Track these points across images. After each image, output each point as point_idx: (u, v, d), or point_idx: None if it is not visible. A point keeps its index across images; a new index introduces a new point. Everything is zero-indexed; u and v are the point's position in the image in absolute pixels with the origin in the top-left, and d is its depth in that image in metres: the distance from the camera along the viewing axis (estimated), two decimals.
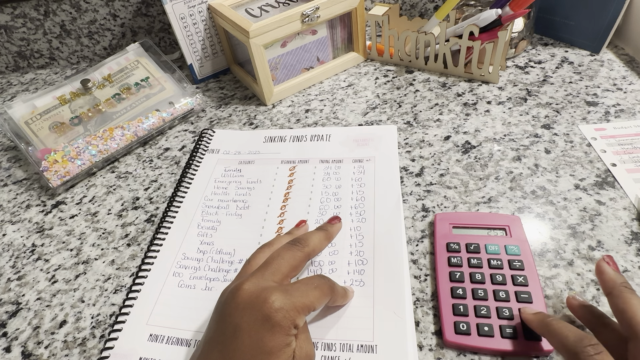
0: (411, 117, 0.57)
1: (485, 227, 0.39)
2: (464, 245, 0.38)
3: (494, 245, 0.38)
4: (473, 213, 0.42)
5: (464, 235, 0.39)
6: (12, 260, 0.47)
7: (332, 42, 0.65)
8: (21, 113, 0.58)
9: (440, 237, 0.39)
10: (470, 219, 0.40)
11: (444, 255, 0.38)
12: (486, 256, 0.37)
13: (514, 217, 0.40)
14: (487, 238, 0.38)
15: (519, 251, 0.37)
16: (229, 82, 0.71)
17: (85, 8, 0.76)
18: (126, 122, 0.59)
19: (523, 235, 0.38)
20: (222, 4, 0.62)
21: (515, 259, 0.36)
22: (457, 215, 0.41)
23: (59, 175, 0.53)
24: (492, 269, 0.36)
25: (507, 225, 0.39)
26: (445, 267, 0.37)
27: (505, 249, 0.37)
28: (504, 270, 0.36)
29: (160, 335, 0.37)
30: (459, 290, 0.35)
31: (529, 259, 0.36)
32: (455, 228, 0.40)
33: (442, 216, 0.41)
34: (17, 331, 0.40)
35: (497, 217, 0.40)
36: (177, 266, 0.43)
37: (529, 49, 0.65)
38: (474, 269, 0.36)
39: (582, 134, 0.50)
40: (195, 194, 0.50)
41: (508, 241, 0.38)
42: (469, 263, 0.37)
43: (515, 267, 0.36)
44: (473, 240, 0.38)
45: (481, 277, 0.36)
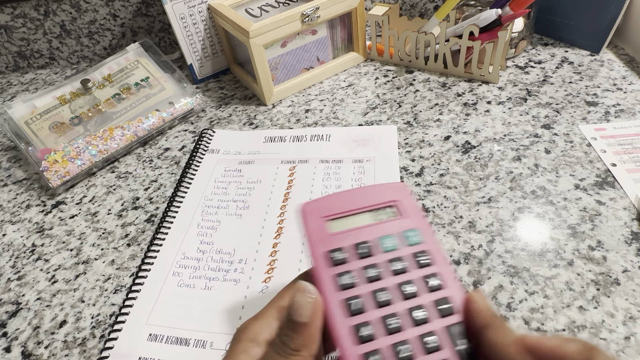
0: (411, 117, 0.57)
1: (369, 208, 0.28)
2: (352, 250, 0.26)
3: (389, 238, 0.26)
4: (348, 192, 0.28)
5: (347, 232, 0.27)
6: (12, 260, 0.47)
7: (332, 42, 0.65)
8: (21, 113, 0.58)
9: (316, 244, 0.26)
10: (347, 201, 0.28)
11: (328, 274, 0.25)
12: (384, 257, 0.25)
13: (400, 184, 0.29)
14: (376, 228, 0.27)
15: (421, 237, 0.26)
16: (229, 82, 0.71)
17: (85, 8, 0.76)
18: (126, 122, 0.59)
19: (417, 208, 0.28)
20: (222, 4, 0.62)
21: (419, 251, 0.26)
22: (328, 202, 0.28)
23: (59, 175, 0.53)
24: (396, 275, 0.25)
25: (393, 201, 0.28)
26: (334, 294, 0.24)
27: (405, 238, 0.26)
28: (412, 274, 0.25)
29: (160, 335, 0.37)
30: (365, 329, 0.23)
31: (434, 243, 0.26)
32: (331, 221, 0.27)
33: (310, 208, 0.28)
34: (17, 331, 0.40)
35: (378, 190, 0.29)
36: (177, 266, 0.43)
37: (529, 49, 0.65)
38: (375, 285, 0.24)
39: (582, 134, 0.50)
40: (195, 194, 0.50)
41: (403, 224, 0.27)
42: (366, 277, 0.25)
43: (423, 264, 0.25)
44: (360, 236, 0.26)
45: (387, 297, 0.24)
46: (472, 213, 0.43)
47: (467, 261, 0.39)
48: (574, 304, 0.35)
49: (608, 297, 0.35)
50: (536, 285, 0.37)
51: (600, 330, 0.33)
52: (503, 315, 0.35)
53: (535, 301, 0.36)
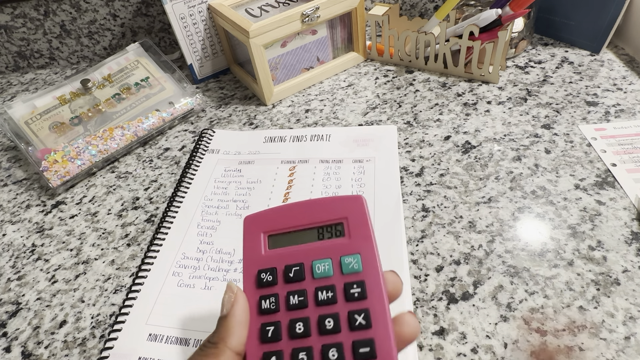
0: (411, 117, 0.57)
1: (315, 225, 0.26)
2: (281, 272, 0.24)
3: (323, 262, 0.24)
4: (295, 204, 0.26)
5: (284, 250, 0.25)
6: (12, 260, 0.47)
7: (332, 42, 0.65)
8: (21, 113, 0.58)
9: (249, 261, 0.25)
10: (292, 215, 0.26)
11: (253, 296, 0.24)
12: (313, 284, 0.24)
13: (355, 197, 0.26)
14: (316, 249, 0.25)
15: (360, 264, 0.24)
16: (229, 82, 0.71)
17: (85, 8, 0.76)
18: (126, 122, 0.59)
19: (367, 228, 0.25)
20: (222, 4, 0.62)
21: (354, 281, 0.23)
22: (272, 215, 0.26)
23: (59, 175, 0.53)
24: (320, 306, 0.23)
25: (344, 217, 0.25)
26: (255, 317, 0.24)
27: (340, 265, 0.24)
28: (338, 306, 0.23)
29: (160, 335, 0.37)
30: (272, 358, 0.22)
31: (374, 274, 0.23)
32: (272, 237, 0.26)
33: (251, 221, 0.26)
34: (17, 331, 0.40)
35: (330, 203, 0.26)
36: (176, 266, 0.43)
37: (529, 49, 0.65)
38: (295, 314, 0.23)
39: (582, 134, 0.50)
40: (195, 194, 0.50)
41: (345, 249, 0.25)
42: (287, 304, 0.23)
43: (353, 297, 0.23)
44: (295, 257, 0.25)
45: (304, 328, 0.23)
46: (472, 213, 0.43)
47: (467, 261, 0.39)
48: (574, 304, 0.35)
49: (608, 297, 0.35)
50: (536, 285, 0.37)
51: (600, 330, 0.33)
52: (503, 315, 0.35)
53: (535, 301, 0.36)
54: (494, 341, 0.34)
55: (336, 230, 0.25)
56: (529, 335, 0.34)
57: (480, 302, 0.36)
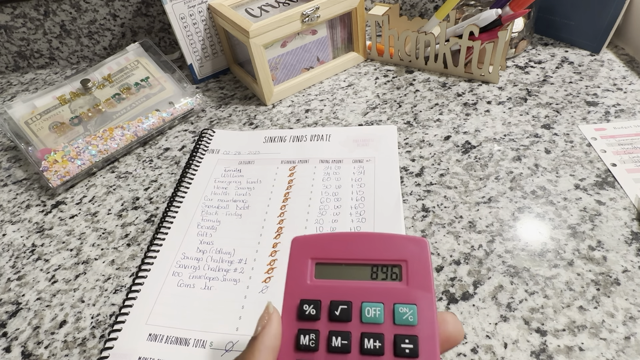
0: (411, 117, 0.57)
1: (369, 262, 0.23)
2: (326, 307, 0.22)
3: (375, 306, 0.22)
4: (352, 235, 0.24)
5: (331, 283, 0.23)
6: (12, 260, 0.47)
7: (332, 42, 0.65)
8: (21, 113, 0.58)
9: (291, 288, 0.23)
10: (347, 245, 0.24)
11: (292, 327, 0.22)
12: (360, 328, 0.22)
13: (419, 240, 0.23)
14: (367, 289, 0.22)
15: (415, 317, 0.21)
16: (229, 82, 0.71)
17: (85, 8, 0.76)
18: (126, 122, 0.59)
19: (428, 276, 0.22)
20: (222, 4, 0.62)
21: (406, 335, 0.21)
22: (323, 241, 0.24)
23: (59, 175, 0.53)
24: (364, 355, 0.21)
25: (403, 260, 0.23)
26: (290, 351, 0.22)
27: (393, 313, 0.22)
28: (384, 359, 0.21)
29: (160, 335, 0.37)
30: None
31: (430, 331, 0.21)
32: (320, 265, 0.23)
33: (300, 244, 0.24)
34: (17, 331, 0.40)
35: (390, 240, 0.23)
36: (176, 266, 0.43)
37: (529, 49, 0.65)
38: (335, 357, 0.21)
39: (582, 134, 0.50)
40: (195, 194, 0.50)
41: (400, 296, 0.22)
42: (328, 344, 0.21)
43: (403, 353, 0.21)
44: (343, 293, 0.22)
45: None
46: (472, 213, 0.43)
47: (467, 261, 0.39)
48: (574, 304, 0.35)
49: (608, 297, 0.35)
50: (536, 285, 0.37)
51: (600, 330, 0.33)
52: (503, 315, 0.35)
53: (535, 301, 0.36)
54: (494, 341, 0.34)
55: (392, 273, 0.23)
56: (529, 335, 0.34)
57: (480, 302, 0.36)
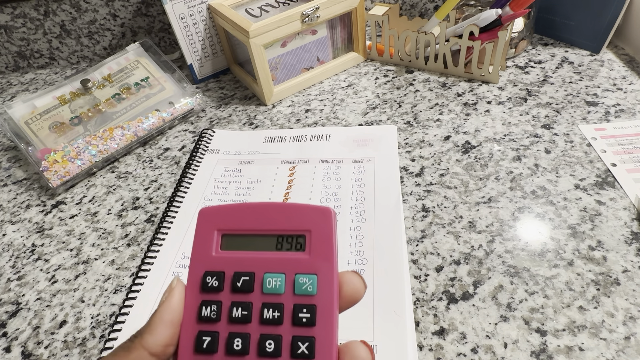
0: (411, 117, 0.57)
1: (275, 232, 0.23)
2: (229, 278, 0.22)
3: (276, 276, 0.22)
4: (258, 205, 0.24)
5: (237, 254, 0.23)
6: (12, 260, 0.47)
7: (332, 42, 0.65)
8: (21, 113, 0.58)
9: (197, 260, 0.23)
10: (253, 216, 0.23)
11: (195, 299, 0.22)
12: (261, 299, 0.22)
13: (323, 209, 0.23)
14: (271, 260, 0.23)
15: (315, 286, 0.22)
16: (229, 82, 0.71)
17: (85, 8, 0.76)
18: (126, 122, 0.59)
19: (330, 246, 0.22)
20: (222, 4, 0.62)
21: (304, 305, 0.21)
22: (230, 212, 0.24)
23: (59, 175, 0.53)
24: (264, 325, 0.21)
25: (307, 230, 0.23)
26: (193, 323, 0.22)
27: (294, 282, 0.22)
28: (283, 329, 0.21)
29: None
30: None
31: (328, 300, 0.21)
32: (226, 237, 0.23)
33: (206, 215, 0.24)
34: (17, 331, 0.40)
35: (296, 210, 0.23)
36: (176, 266, 0.43)
37: (529, 49, 0.65)
38: (236, 328, 0.21)
39: (582, 134, 0.50)
40: (195, 194, 0.50)
41: (302, 266, 0.22)
42: (230, 315, 0.22)
43: (301, 322, 0.21)
44: (247, 264, 0.23)
45: (242, 345, 0.21)
46: (472, 213, 0.43)
47: (467, 261, 0.39)
48: (574, 304, 0.35)
49: (608, 297, 0.35)
50: (536, 285, 0.37)
51: (600, 330, 0.33)
52: (503, 315, 0.35)
53: (535, 301, 0.36)
54: (494, 341, 0.34)
55: (297, 243, 0.23)
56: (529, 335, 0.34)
57: (480, 302, 0.36)
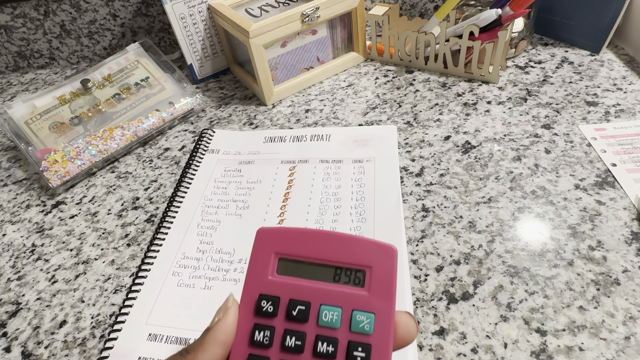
0: (411, 117, 0.57)
1: (333, 263, 0.22)
2: (284, 305, 0.22)
3: (333, 310, 0.21)
4: (320, 232, 0.23)
5: (293, 281, 0.22)
6: (12, 260, 0.47)
7: (332, 42, 0.65)
8: (21, 113, 0.58)
9: (251, 281, 0.23)
10: (313, 243, 0.23)
11: (248, 321, 0.22)
12: (315, 330, 0.21)
13: (387, 247, 0.22)
14: (328, 292, 0.22)
15: (372, 326, 0.21)
16: (229, 82, 0.71)
17: (85, 8, 0.76)
18: (126, 122, 0.59)
19: (391, 286, 0.22)
20: (222, 4, 0.62)
21: (359, 343, 0.21)
22: (289, 235, 0.23)
23: (58, 175, 0.53)
24: (316, 358, 0.21)
25: (368, 265, 0.22)
26: (244, 345, 0.21)
27: (350, 319, 0.21)
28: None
29: (160, 335, 0.37)
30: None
31: (385, 341, 0.21)
32: (283, 261, 0.23)
33: (264, 236, 0.23)
34: (17, 331, 0.40)
35: (357, 243, 0.22)
36: (176, 266, 0.43)
37: (529, 49, 0.65)
38: (288, 356, 0.21)
39: (582, 134, 0.50)
40: (195, 194, 0.50)
41: (360, 303, 0.22)
42: (282, 343, 0.21)
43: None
44: (303, 293, 0.22)
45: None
46: (472, 213, 0.43)
47: (467, 261, 0.39)
48: (574, 304, 0.35)
49: (608, 297, 0.35)
50: (536, 285, 0.37)
51: (600, 330, 0.33)
52: (503, 315, 0.35)
53: (535, 301, 0.36)
54: (494, 341, 0.34)
55: (355, 277, 0.22)
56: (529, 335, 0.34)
57: (480, 302, 0.36)
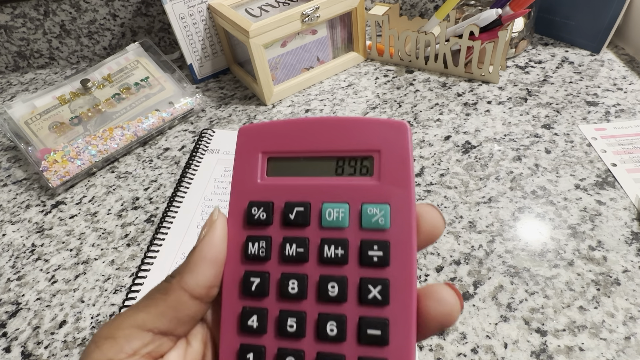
0: (411, 117, 0.56)
1: (333, 153, 0.19)
2: (279, 210, 0.19)
3: (338, 207, 0.18)
4: (315, 120, 0.19)
5: (287, 181, 0.19)
6: (12, 260, 0.47)
7: (332, 42, 0.65)
8: (21, 113, 0.58)
9: (240, 190, 0.19)
10: (306, 135, 0.19)
11: (239, 234, 0.19)
12: (319, 234, 0.18)
13: (396, 123, 0.19)
14: (330, 187, 0.18)
15: (387, 219, 0.17)
16: (228, 82, 0.71)
17: (85, 8, 0.76)
18: (126, 122, 0.59)
19: (406, 169, 0.18)
20: (222, 4, 0.62)
21: (374, 241, 0.17)
22: (277, 130, 0.19)
23: (58, 175, 0.53)
24: (324, 265, 0.18)
25: (376, 150, 0.18)
26: (237, 262, 0.19)
27: (360, 215, 0.18)
28: (348, 269, 0.17)
29: None
30: (252, 317, 0.18)
31: (406, 234, 0.17)
32: (273, 160, 0.19)
33: (248, 134, 0.20)
34: (17, 331, 0.40)
35: (360, 126, 0.19)
36: (176, 266, 0.43)
37: (529, 49, 0.65)
38: (290, 268, 0.18)
39: (583, 134, 0.50)
40: (195, 194, 0.50)
41: (370, 194, 0.18)
42: (281, 253, 0.18)
43: (371, 262, 0.17)
44: (300, 193, 0.19)
45: (299, 288, 0.18)
46: (473, 213, 0.43)
47: (467, 261, 0.39)
48: (574, 304, 0.35)
49: (608, 297, 0.35)
50: (536, 285, 0.37)
51: (600, 330, 0.33)
52: (503, 315, 0.35)
53: (535, 301, 0.36)
54: (494, 341, 0.34)
55: (362, 166, 0.18)
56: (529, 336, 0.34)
57: (481, 302, 0.36)
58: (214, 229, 0.19)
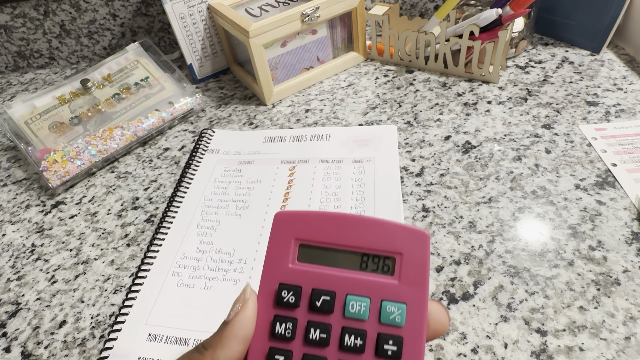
0: (411, 117, 0.56)
1: (360, 249, 0.21)
2: (306, 295, 0.20)
3: (360, 300, 0.20)
4: (344, 216, 0.21)
5: (315, 268, 0.21)
6: (11, 261, 0.47)
7: (332, 41, 0.65)
8: (21, 113, 0.58)
9: (271, 271, 0.21)
10: (336, 228, 0.21)
11: (268, 313, 0.21)
12: (341, 322, 0.20)
13: (419, 232, 0.21)
14: (354, 280, 0.20)
15: (403, 317, 0.20)
16: (228, 82, 0.70)
17: (85, 8, 0.76)
18: (126, 122, 0.59)
19: (424, 274, 0.20)
20: (222, 4, 0.62)
21: (390, 335, 0.19)
22: (310, 220, 0.21)
23: (58, 175, 0.53)
24: (343, 352, 0.20)
25: (398, 252, 0.20)
26: (264, 338, 0.20)
27: (380, 310, 0.20)
28: (364, 358, 0.20)
29: (159, 335, 0.37)
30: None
31: (418, 333, 0.19)
32: (304, 247, 0.21)
33: (284, 220, 0.21)
34: (16, 331, 0.40)
35: (386, 228, 0.21)
36: (176, 266, 0.43)
37: (529, 49, 0.65)
38: (312, 350, 0.20)
39: (583, 133, 0.50)
40: (195, 194, 0.50)
41: (390, 292, 0.20)
42: (306, 336, 0.20)
43: (385, 355, 0.19)
44: (327, 282, 0.20)
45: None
46: (473, 213, 0.43)
47: (468, 261, 0.39)
48: (574, 304, 0.35)
49: (608, 297, 0.35)
50: (536, 285, 0.37)
51: (600, 330, 0.33)
52: (504, 315, 0.35)
53: (535, 301, 0.36)
54: (494, 341, 0.34)
55: (384, 265, 0.20)
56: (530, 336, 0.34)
57: (481, 302, 0.36)
58: (246, 308, 0.20)
